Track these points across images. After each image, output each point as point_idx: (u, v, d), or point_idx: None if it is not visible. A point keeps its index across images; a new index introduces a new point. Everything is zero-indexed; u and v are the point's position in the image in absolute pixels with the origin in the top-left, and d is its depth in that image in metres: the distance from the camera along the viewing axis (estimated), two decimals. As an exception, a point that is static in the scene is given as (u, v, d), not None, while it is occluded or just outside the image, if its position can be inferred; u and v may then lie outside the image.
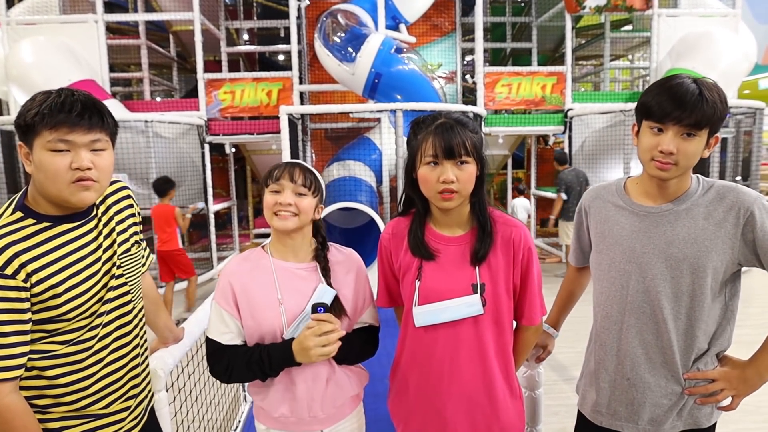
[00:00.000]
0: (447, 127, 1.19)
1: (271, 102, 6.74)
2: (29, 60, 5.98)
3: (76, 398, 1.18)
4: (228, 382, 1.33)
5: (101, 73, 6.45)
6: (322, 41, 6.18)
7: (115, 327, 1.24)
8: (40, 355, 1.13)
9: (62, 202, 1.13)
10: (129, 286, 1.29)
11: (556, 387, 3.26)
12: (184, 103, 6.90)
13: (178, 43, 9.40)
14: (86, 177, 1.11)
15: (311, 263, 1.36)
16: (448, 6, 8.46)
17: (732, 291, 1.27)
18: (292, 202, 1.28)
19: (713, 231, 1.21)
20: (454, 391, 1.27)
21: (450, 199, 1.19)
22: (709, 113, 1.13)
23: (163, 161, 6.01)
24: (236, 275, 1.30)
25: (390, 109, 5.31)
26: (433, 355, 1.27)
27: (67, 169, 1.09)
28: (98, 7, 6.42)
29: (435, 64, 8.40)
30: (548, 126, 7.22)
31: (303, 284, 1.31)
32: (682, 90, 1.15)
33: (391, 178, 6.07)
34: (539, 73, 7.06)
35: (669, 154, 1.17)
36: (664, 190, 1.26)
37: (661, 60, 7.07)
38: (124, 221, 1.32)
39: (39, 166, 1.09)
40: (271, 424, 1.35)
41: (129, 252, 1.31)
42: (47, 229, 1.14)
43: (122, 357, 1.26)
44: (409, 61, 6.00)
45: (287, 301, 1.28)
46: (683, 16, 7.13)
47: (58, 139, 1.07)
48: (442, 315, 1.23)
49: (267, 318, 1.27)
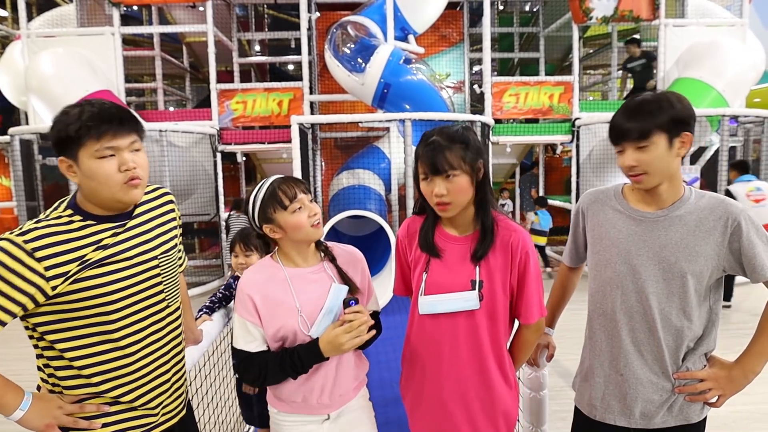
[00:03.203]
0: (434, 147, 1.29)
1: (282, 112, 6.85)
2: (48, 71, 6.14)
3: (106, 388, 1.22)
4: (262, 386, 1.42)
5: (117, 84, 6.61)
6: (332, 52, 6.29)
7: (148, 324, 1.29)
8: (68, 345, 1.18)
9: (116, 203, 1.22)
10: (164, 285, 1.34)
11: (563, 393, 3.29)
12: (197, 112, 7.05)
13: (191, 54, 9.59)
14: (135, 176, 1.21)
15: (319, 265, 1.45)
16: (457, 17, 8.57)
17: (716, 295, 1.36)
18: (317, 210, 1.39)
19: (703, 238, 1.29)
20: (452, 375, 1.38)
21: (444, 210, 1.31)
22: (653, 120, 1.23)
23: (177, 169, 6.13)
24: (254, 288, 1.38)
25: (399, 118, 5.39)
26: (435, 341, 1.39)
27: (116, 172, 1.18)
28: (115, 20, 6.60)
29: (443, 74, 8.49)
30: (556, 135, 7.27)
31: (316, 287, 1.41)
32: (621, 111, 1.28)
33: (399, 187, 6.13)
34: (547, 82, 7.12)
35: (630, 167, 1.27)
36: (656, 197, 1.33)
37: (668, 69, 7.11)
38: (167, 224, 1.39)
39: (90, 174, 1.17)
40: (282, 407, 1.44)
41: (168, 254, 1.36)
42: (91, 226, 1.20)
43: (154, 352, 1.30)
44: (417, 72, 6.09)
45: (305, 307, 1.37)
46: (690, 26, 7.17)
47: (105, 147, 1.16)
48: (442, 305, 1.35)
49: (288, 324, 1.36)
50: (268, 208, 1.35)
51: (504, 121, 7.46)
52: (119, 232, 1.25)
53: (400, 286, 1.55)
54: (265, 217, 1.36)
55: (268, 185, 1.37)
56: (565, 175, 9.27)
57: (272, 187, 1.36)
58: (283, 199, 1.34)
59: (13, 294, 1.08)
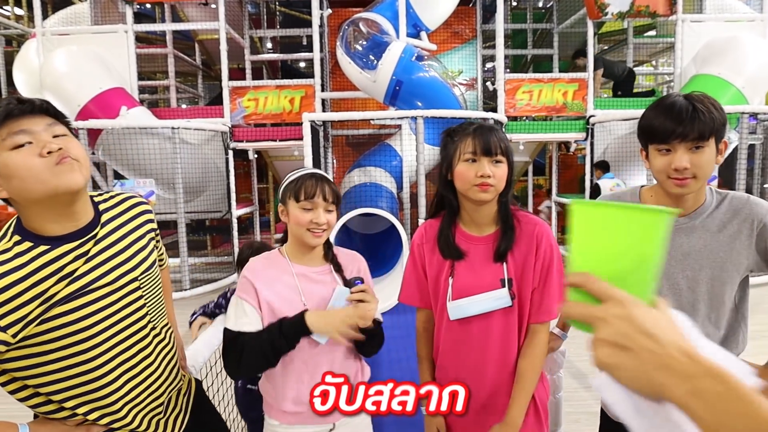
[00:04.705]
0: (485, 129, 1.32)
1: (293, 109, 6.84)
2: (62, 69, 6.19)
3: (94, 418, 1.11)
4: (238, 372, 1.33)
5: (130, 81, 6.64)
6: (344, 49, 6.27)
7: (133, 353, 1.15)
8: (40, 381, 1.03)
9: (52, 196, 0.99)
10: (148, 308, 1.20)
11: (576, 394, 3.24)
12: (209, 110, 7.06)
13: (203, 51, 9.62)
14: (65, 155, 0.99)
15: (325, 266, 1.45)
16: (469, 14, 8.49)
17: (742, 294, 1.32)
18: (326, 220, 1.36)
19: (727, 243, 1.25)
20: (488, 378, 1.36)
21: (486, 190, 1.29)
22: (709, 123, 1.18)
23: (189, 167, 6.15)
24: (260, 279, 1.36)
25: (411, 116, 5.35)
26: (467, 344, 1.37)
27: (37, 158, 0.97)
28: (128, 18, 6.63)
29: (456, 71, 8.42)
30: (570, 133, 7.17)
31: (321, 287, 1.41)
32: (676, 108, 1.21)
33: (411, 185, 6.10)
34: (560, 79, 7.03)
35: (684, 169, 1.21)
36: (681, 204, 1.28)
37: (686, 66, 6.97)
38: (143, 237, 1.23)
39: (8, 171, 0.96)
40: (284, 419, 1.39)
41: (149, 272, 1.21)
42: (46, 252, 1.01)
43: (145, 380, 1.18)
44: (429, 69, 6.04)
45: (309, 305, 1.36)
46: (708, 22, 7.03)
47: (15, 132, 0.96)
48: (473, 308, 1.33)
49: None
50: (288, 191, 1.37)
51: (519, 119, 7.38)
52: (86, 256, 1.05)
53: (414, 294, 1.48)
54: (283, 197, 1.39)
55: (304, 173, 1.38)
56: (579, 174, 9.16)
57: (303, 176, 1.37)
58: (300, 191, 1.34)
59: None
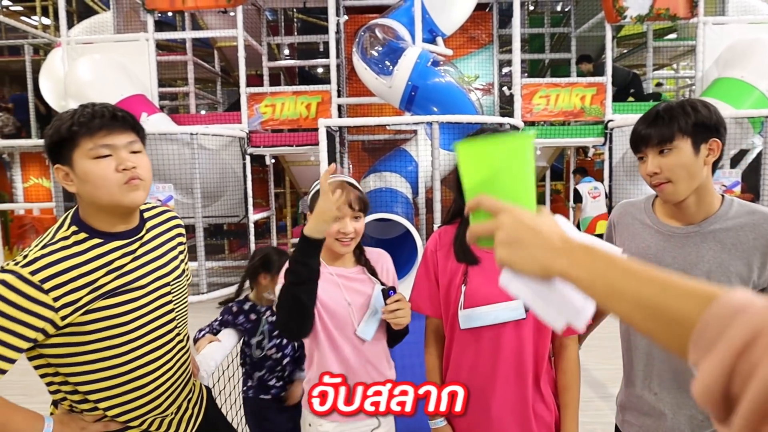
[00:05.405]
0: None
1: (310, 115, 6.90)
2: (86, 77, 6.35)
3: (114, 414, 1.17)
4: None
5: (150, 88, 6.78)
6: (360, 55, 6.30)
7: (157, 356, 1.21)
8: (71, 369, 1.10)
9: (116, 207, 1.11)
10: (175, 313, 1.26)
11: (592, 404, 3.18)
12: (227, 116, 7.16)
13: (222, 58, 9.77)
14: (135, 176, 1.11)
15: (357, 267, 1.51)
16: (486, 18, 8.47)
17: None
18: (354, 229, 1.38)
19: (739, 257, 1.19)
20: (498, 390, 1.32)
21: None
22: (675, 123, 1.16)
23: (207, 172, 6.24)
24: None
25: (426, 121, 5.35)
26: (478, 355, 1.33)
27: (113, 172, 1.08)
28: (149, 26, 6.77)
29: (472, 76, 8.40)
30: (588, 137, 7.09)
31: (360, 286, 1.47)
32: (644, 117, 1.23)
33: (426, 190, 6.09)
34: (578, 84, 6.96)
35: (654, 174, 1.21)
36: (684, 212, 1.25)
37: (707, 69, 6.84)
38: (176, 248, 1.32)
39: (86, 177, 1.07)
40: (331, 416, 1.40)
41: (179, 280, 1.29)
42: (99, 246, 1.11)
43: (164, 383, 1.23)
44: (445, 74, 6.04)
45: (354, 303, 1.43)
46: (731, 24, 6.89)
47: (100, 145, 1.07)
48: (485, 318, 1.30)
49: (339, 318, 1.41)
50: (315, 200, 1.36)
51: (537, 124, 7.32)
52: (132, 254, 1.16)
53: (426, 301, 1.44)
54: (311, 205, 1.39)
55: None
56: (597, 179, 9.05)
57: (336, 185, 1.37)
58: None
59: (22, 331, 1.00)
